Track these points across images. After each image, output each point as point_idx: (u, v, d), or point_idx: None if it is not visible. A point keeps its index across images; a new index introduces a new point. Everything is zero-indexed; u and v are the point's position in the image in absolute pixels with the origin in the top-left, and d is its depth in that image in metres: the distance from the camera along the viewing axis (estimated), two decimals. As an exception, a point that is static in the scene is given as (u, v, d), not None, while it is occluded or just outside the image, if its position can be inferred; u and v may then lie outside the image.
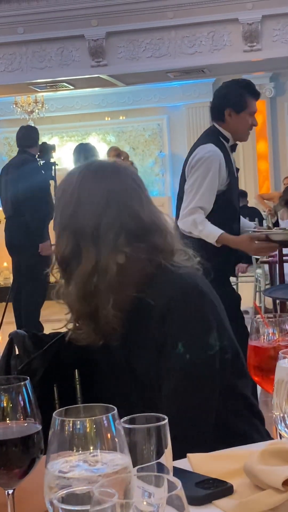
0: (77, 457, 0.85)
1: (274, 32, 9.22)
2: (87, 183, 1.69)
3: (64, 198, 1.71)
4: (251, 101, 3.82)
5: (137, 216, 1.67)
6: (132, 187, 1.70)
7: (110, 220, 1.64)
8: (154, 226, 1.69)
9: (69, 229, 1.67)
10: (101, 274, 1.63)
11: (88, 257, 1.64)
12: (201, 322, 1.62)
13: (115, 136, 13.51)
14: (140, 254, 1.66)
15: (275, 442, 1.22)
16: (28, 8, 9.55)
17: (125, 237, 1.64)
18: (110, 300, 1.64)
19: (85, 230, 1.65)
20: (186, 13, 9.22)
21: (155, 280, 1.65)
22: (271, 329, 1.33)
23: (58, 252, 1.70)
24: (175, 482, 0.70)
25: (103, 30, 9.49)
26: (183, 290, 1.63)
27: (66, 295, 1.70)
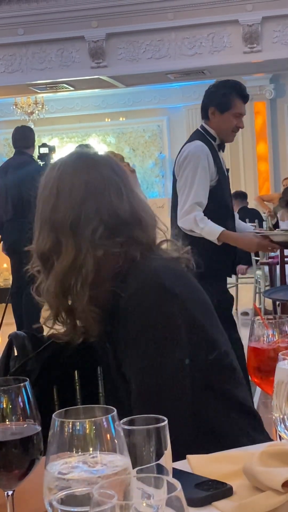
0: (77, 459, 0.85)
1: (274, 34, 9.22)
2: (66, 176, 1.66)
3: (44, 192, 1.69)
4: (238, 102, 3.79)
5: (116, 209, 1.63)
6: (111, 179, 1.66)
7: (88, 214, 1.61)
8: (134, 219, 1.65)
9: (49, 224, 1.65)
10: (78, 269, 1.60)
11: (67, 252, 1.61)
12: (160, 318, 1.57)
13: (115, 137, 13.51)
14: (116, 248, 1.62)
15: (274, 443, 1.23)
16: (28, 9, 9.56)
17: (104, 230, 1.61)
18: (86, 296, 1.60)
19: (64, 224, 1.62)
20: (186, 14, 9.23)
21: (128, 274, 1.61)
22: (271, 331, 1.33)
23: (38, 247, 1.66)
24: (175, 484, 0.70)
25: (103, 31, 9.49)
26: (147, 285, 1.58)
27: (45, 291, 1.66)
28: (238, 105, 3.79)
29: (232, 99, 3.77)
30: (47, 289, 1.65)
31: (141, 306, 1.58)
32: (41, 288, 1.68)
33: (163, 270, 1.62)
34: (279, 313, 5.76)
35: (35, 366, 1.78)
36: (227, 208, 3.80)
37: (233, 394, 1.65)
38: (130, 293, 1.58)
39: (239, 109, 3.80)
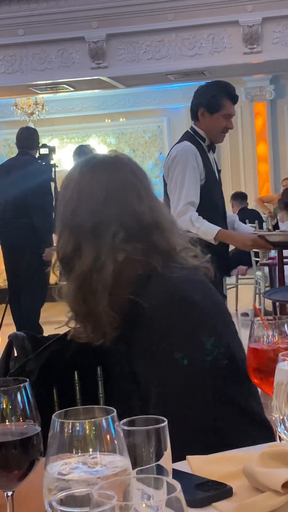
0: (77, 459, 0.85)
1: (274, 35, 9.23)
2: (87, 179, 1.65)
3: (65, 195, 1.68)
4: (227, 103, 3.80)
5: (136, 213, 1.62)
6: (131, 182, 1.65)
7: (109, 217, 1.60)
8: (154, 223, 1.64)
9: (70, 227, 1.64)
10: (98, 273, 1.60)
11: (87, 255, 1.61)
12: (187, 332, 1.57)
13: (115, 138, 13.52)
14: (137, 255, 1.61)
15: (274, 444, 1.22)
16: (29, 10, 9.56)
17: (124, 234, 1.60)
18: (105, 299, 1.60)
19: (85, 227, 1.61)
20: (186, 15, 9.24)
21: (149, 283, 1.61)
22: (270, 332, 1.33)
23: (60, 250, 1.67)
24: (174, 485, 0.70)
25: (103, 32, 9.50)
26: (171, 297, 1.59)
27: (66, 294, 1.67)
28: (228, 106, 3.80)
29: (221, 100, 3.78)
30: (68, 292, 1.65)
31: (166, 318, 1.58)
32: (62, 291, 1.70)
33: (185, 282, 1.62)
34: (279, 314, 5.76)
35: (35, 366, 1.78)
36: (216, 209, 3.81)
37: (246, 403, 1.65)
38: (154, 304, 1.58)
39: (228, 110, 3.80)
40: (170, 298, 1.59)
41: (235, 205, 9.66)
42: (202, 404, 1.59)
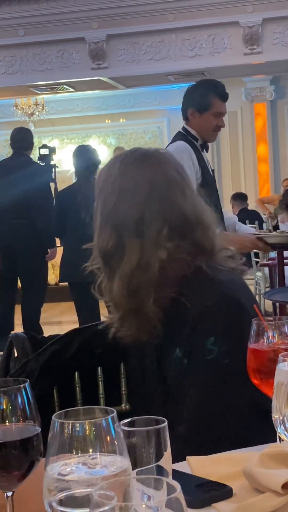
0: (76, 460, 0.84)
1: (274, 35, 9.23)
2: (129, 173, 1.62)
3: (106, 189, 1.64)
4: (217, 102, 3.77)
5: (180, 209, 1.60)
6: (175, 178, 1.63)
7: (153, 213, 1.58)
8: (197, 220, 1.62)
9: (111, 222, 1.61)
10: (144, 270, 1.57)
11: (132, 252, 1.57)
12: (235, 336, 1.55)
13: (115, 138, 13.52)
14: (181, 254, 1.59)
15: (274, 445, 1.22)
16: (29, 10, 9.57)
17: (168, 231, 1.58)
18: (151, 297, 1.58)
19: (128, 223, 1.58)
20: (186, 16, 9.24)
21: (194, 283, 1.59)
22: (270, 332, 1.33)
23: (100, 246, 1.63)
24: (174, 485, 0.70)
25: (103, 32, 9.50)
26: (222, 301, 1.57)
27: (110, 291, 1.63)
28: (217, 104, 3.77)
29: (210, 99, 3.75)
30: (114, 290, 1.61)
31: (216, 320, 1.56)
32: (103, 287, 1.66)
33: (233, 285, 1.61)
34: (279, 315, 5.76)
35: (35, 367, 1.78)
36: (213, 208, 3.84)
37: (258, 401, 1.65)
38: (203, 305, 1.57)
39: (218, 108, 3.77)
40: (220, 301, 1.57)
41: (235, 205, 9.67)
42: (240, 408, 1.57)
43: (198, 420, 1.57)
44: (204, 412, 1.57)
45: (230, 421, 1.57)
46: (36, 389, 1.43)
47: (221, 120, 3.80)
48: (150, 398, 1.73)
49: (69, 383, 1.86)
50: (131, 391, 1.89)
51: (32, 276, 6.28)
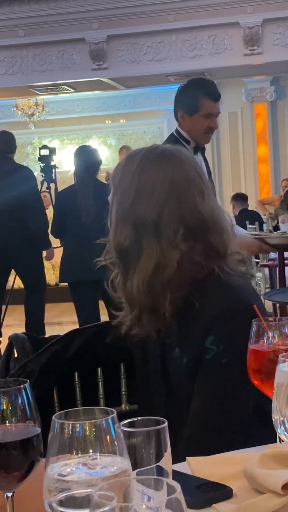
0: (77, 460, 0.84)
1: (274, 36, 9.24)
2: (148, 170, 1.60)
3: (123, 185, 1.62)
4: (206, 102, 3.54)
5: (197, 210, 1.59)
6: (195, 179, 1.62)
7: (171, 212, 1.57)
8: (212, 222, 1.61)
9: (129, 220, 1.59)
10: (162, 269, 1.57)
11: (150, 250, 1.57)
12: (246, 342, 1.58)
13: (116, 139, 13.52)
14: (196, 256, 1.59)
15: (274, 445, 1.22)
16: (29, 11, 9.57)
17: (184, 231, 1.57)
18: (168, 297, 1.58)
19: (146, 221, 1.57)
20: (187, 16, 9.24)
21: (207, 287, 1.60)
22: (271, 333, 1.33)
23: (117, 242, 1.61)
24: (175, 486, 0.70)
25: (104, 33, 9.51)
26: (235, 307, 1.57)
27: (124, 287, 1.62)
28: (207, 105, 3.54)
29: (199, 100, 3.53)
30: (132, 288, 1.60)
31: (228, 326, 1.56)
32: (117, 284, 1.65)
33: (245, 291, 1.62)
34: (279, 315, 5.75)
35: (35, 367, 1.78)
36: None
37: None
38: (216, 310, 1.57)
39: (208, 109, 3.55)
40: (233, 307, 1.57)
41: (235, 206, 9.66)
42: (244, 411, 1.58)
43: (202, 422, 1.58)
44: (207, 415, 1.57)
45: (232, 422, 1.57)
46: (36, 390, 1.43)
47: (212, 121, 3.58)
48: (152, 397, 1.73)
49: (69, 384, 1.86)
50: (133, 390, 1.89)
51: (33, 276, 6.28)
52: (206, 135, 3.60)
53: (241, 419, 1.58)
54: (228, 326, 1.56)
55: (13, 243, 6.13)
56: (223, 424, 1.57)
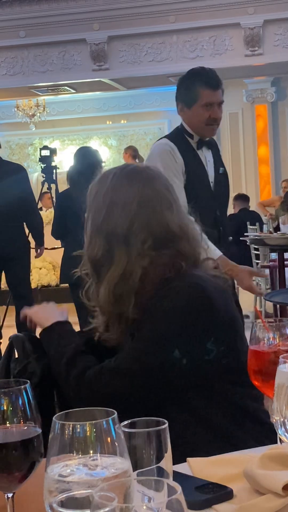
0: (77, 461, 0.84)
1: (275, 37, 9.24)
2: (121, 187, 1.72)
3: (97, 200, 1.74)
4: (204, 91, 3.30)
5: (166, 223, 1.70)
6: (164, 194, 1.73)
7: (140, 224, 1.68)
8: (182, 233, 1.72)
9: (102, 232, 1.71)
10: (127, 278, 1.68)
11: (119, 260, 1.68)
12: (194, 331, 1.64)
13: (116, 140, 13.52)
14: (164, 259, 1.69)
15: (275, 446, 1.22)
16: (30, 11, 9.57)
17: (152, 242, 1.68)
18: (132, 302, 1.68)
19: (117, 233, 1.69)
20: (187, 17, 9.24)
21: (173, 281, 1.67)
22: (271, 334, 1.33)
23: (91, 254, 1.73)
24: (175, 487, 0.70)
25: (104, 34, 9.51)
26: (185, 285, 1.65)
27: (97, 297, 1.74)
28: (205, 94, 3.29)
29: (196, 90, 3.30)
30: (101, 296, 1.71)
31: (176, 299, 1.64)
32: (91, 293, 1.77)
33: (207, 280, 1.69)
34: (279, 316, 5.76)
35: (36, 368, 1.78)
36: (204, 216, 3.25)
37: (245, 403, 1.68)
38: (170, 288, 1.65)
39: (207, 98, 3.29)
40: (187, 287, 1.65)
41: (236, 205, 9.65)
42: (197, 398, 1.64)
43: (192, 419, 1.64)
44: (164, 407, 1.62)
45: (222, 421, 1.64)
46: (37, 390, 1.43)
47: (214, 111, 3.31)
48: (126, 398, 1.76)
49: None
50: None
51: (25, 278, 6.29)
52: (209, 126, 3.35)
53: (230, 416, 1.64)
54: (172, 306, 1.64)
55: (13, 242, 6.08)
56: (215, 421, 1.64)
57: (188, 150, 3.36)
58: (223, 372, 1.67)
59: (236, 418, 1.67)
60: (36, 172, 12.29)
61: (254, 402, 1.71)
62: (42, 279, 9.44)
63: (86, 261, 1.76)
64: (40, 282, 9.43)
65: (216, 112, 3.33)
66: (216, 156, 3.50)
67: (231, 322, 1.71)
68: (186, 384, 1.64)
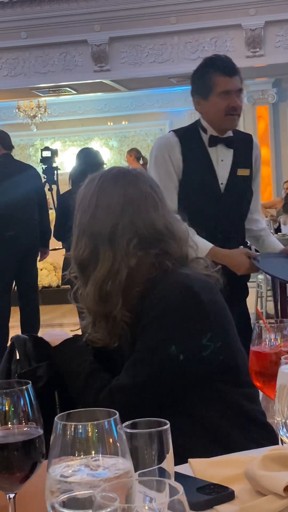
0: (79, 462, 0.85)
1: (277, 38, 9.23)
2: (106, 188, 1.74)
3: (83, 203, 1.76)
4: (219, 79, 3.03)
5: (152, 223, 1.71)
6: (149, 194, 1.74)
7: (125, 225, 1.69)
8: (168, 233, 1.73)
9: (87, 233, 1.73)
10: (113, 277, 1.69)
11: (104, 260, 1.69)
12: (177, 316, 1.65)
13: (118, 141, 13.52)
14: (150, 259, 1.70)
15: (276, 447, 1.22)
16: (31, 13, 9.58)
17: (138, 242, 1.69)
18: (119, 302, 1.69)
19: (102, 233, 1.70)
20: (189, 18, 9.24)
21: (160, 280, 1.69)
22: (273, 335, 1.33)
23: (77, 255, 1.75)
24: (177, 487, 0.70)
25: (106, 35, 9.51)
26: (173, 285, 1.67)
27: (84, 297, 1.74)
28: (221, 82, 3.03)
29: (211, 78, 3.04)
30: (87, 296, 1.73)
31: (165, 301, 1.65)
32: (79, 295, 1.77)
33: (194, 278, 1.70)
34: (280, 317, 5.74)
35: (44, 374, 1.78)
36: (204, 219, 2.90)
37: (241, 403, 1.68)
38: (161, 295, 1.66)
39: (223, 86, 3.03)
40: (175, 286, 1.66)
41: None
42: (194, 401, 1.64)
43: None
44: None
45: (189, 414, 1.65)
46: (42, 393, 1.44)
47: (232, 99, 3.03)
48: None
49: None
50: None
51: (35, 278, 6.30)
52: (229, 117, 3.07)
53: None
54: (165, 308, 1.65)
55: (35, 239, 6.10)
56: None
57: (197, 147, 3.12)
58: (220, 372, 1.67)
59: (233, 419, 1.67)
60: (37, 173, 12.29)
61: (251, 402, 1.71)
62: (43, 280, 9.45)
63: (72, 263, 1.78)
64: (41, 283, 9.43)
65: (235, 100, 3.05)
66: (239, 157, 3.21)
67: (223, 317, 1.72)
68: (185, 384, 1.65)
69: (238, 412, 1.68)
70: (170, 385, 1.65)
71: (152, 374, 1.64)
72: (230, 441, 1.61)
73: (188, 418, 1.65)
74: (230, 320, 1.75)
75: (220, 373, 1.67)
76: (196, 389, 1.66)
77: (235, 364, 1.68)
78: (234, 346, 1.71)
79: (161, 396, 1.66)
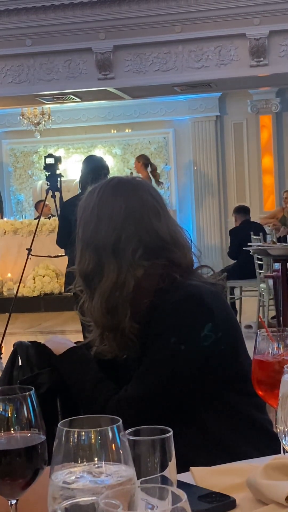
0: (82, 468, 0.84)
1: (281, 48, 9.25)
2: (106, 199, 1.72)
3: (85, 215, 1.75)
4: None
5: (155, 231, 1.70)
6: (150, 203, 1.73)
7: (128, 235, 1.68)
8: (173, 241, 1.72)
9: (91, 246, 1.72)
10: (120, 288, 1.67)
11: (109, 272, 1.68)
12: (190, 328, 1.65)
13: (121, 148, 13.54)
14: (157, 270, 1.69)
15: (278, 456, 1.22)
16: (36, 20, 9.61)
17: (143, 251, 1.68)
18: (127, 313, 1.68)
19: (106, 245, 1.69)
20: (193, 27, 9.27)
21: (169, 290, 1.68)
22: (275, 344, 1.33)
23: (81, 268, 1.73)
24: (180, 495, 0.70)
25: (110, 43, 9.53)
26: (184, 296, 1.66)
27: (91, 310, 1.73)
28: None
29: None
30: (94, 308, 1.71)
31: (177, 313, 1.65)
32: (85, 308, 1.76)
33: (203, 288, 1.69)
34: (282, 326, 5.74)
35: (46, 380, 1.78)
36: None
37: (246, 411, 1.68)
38: (170, 303, 1.65)
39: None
40: (186, 297, 1.65)
41: (238, 218, 9.64)
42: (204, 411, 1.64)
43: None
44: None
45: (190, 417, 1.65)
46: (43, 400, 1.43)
47: None
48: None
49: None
50: None
51: None
52: None
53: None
54: (174, 312, 1.65)
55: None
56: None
57: None
58: (229, 381, 1.67)
59: (245, 431, 1.67)
60: (41, 180, 12.31)
61: (258, 411, 1.70)
62: (45, 287, 9.45)
63: (78, 276, 1.76)
64: (43, 290, 9.44)
65: None
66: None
67: (232, 326, 1.72)
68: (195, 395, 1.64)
69: (248, 422, 1.68)
70: (179, 397, 1.64)
71: (161, 386, 1.63)
72: (240, 452, 1.60)
73: (197, 428, 1.64)
74: (238, 328, 1.76)
75: (229, 382, 1.67)
76: (205, 400, 1.66)
77: (243, 373, 1.68)
78: (242, 355, 1.71)
79: (169, 408, 1.65)
